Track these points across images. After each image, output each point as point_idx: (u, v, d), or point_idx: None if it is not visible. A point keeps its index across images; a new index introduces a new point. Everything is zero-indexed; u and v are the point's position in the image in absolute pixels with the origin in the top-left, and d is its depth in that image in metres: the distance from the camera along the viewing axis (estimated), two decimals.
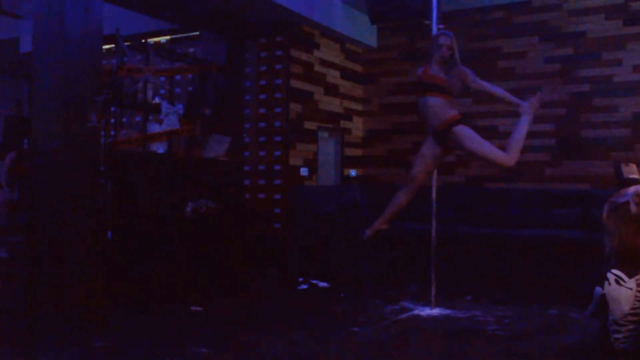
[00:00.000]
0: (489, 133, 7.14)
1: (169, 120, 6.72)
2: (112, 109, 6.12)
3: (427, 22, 6.02)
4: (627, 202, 3.90)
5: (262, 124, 8.05)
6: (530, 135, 8.16)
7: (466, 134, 5.18)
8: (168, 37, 8.56)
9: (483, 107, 8.34)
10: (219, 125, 7.36)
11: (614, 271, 3.83)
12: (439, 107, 5.22)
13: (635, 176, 6.85)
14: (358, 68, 9.46)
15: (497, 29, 8.55)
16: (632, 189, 4.01)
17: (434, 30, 5.87)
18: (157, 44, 8.22)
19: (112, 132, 6.15)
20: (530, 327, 5.04)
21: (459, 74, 5.28)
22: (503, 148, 5.19)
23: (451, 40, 5.27)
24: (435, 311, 5.64)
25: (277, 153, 7.94)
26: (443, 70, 5.28)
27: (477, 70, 8.51)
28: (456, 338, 4.78)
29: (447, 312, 5.63)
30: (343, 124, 9.10)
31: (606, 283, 3.82)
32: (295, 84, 8.07)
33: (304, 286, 7.01)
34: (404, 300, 6.08)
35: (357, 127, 9.43)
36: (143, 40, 6.96)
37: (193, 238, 6.52)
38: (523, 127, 5.30)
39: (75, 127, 5.45)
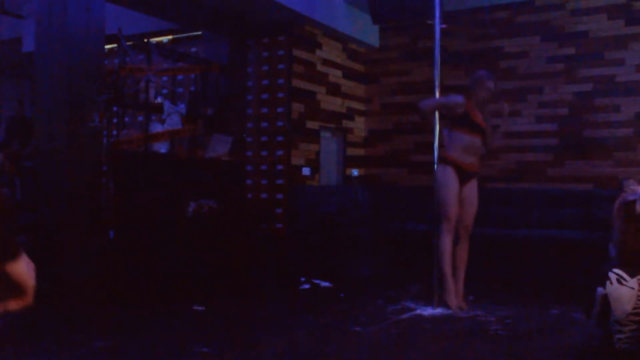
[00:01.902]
0: None
1: (171, 120, 6.73)
2: (114, 108, 6.14)
3: (429, 22, 6.02)
4: (634, 201, 3.89)
5: (264, 124, 8.05)
6: (533, 135, 8.23)
7: None
8: (170, 37, 8.57)
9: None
10: (221, 125, 7.36)
11: (616, 270, 3.82)
12: (479, 151, 5.64)
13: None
14: (360, 68, 9.45)
15: (499, 29, 8.54)
16: None
17: (437, 30, 5.87)
18: (159, 43, 8.22)
19: (115, 132, 6.16)
20: (532, 327, 5.03)
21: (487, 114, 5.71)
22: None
23: (494, 85, 5.69)
24: (437, 311, 5.62)
25: (280, 153, 7.94)
26: (477, 108, 5.61)
27: (479, 70, 8.55)
28: (458, 338, 4.77)
29: (449, 312, 5.62)
30: (345, 123, 9.10)
31: (608, 283, 3.81)
32: (298, 83, 8.07)
33: (306, 286, 7.01)
34: (405, 300, 6.07)
35: (359, 126, 9.43)
36: (145, 40, 6.97)
37: (195, 238, 6.53)
38: None
39: (78, 127, 5.46)
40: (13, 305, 1.69)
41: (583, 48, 8.04)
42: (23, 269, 1.66)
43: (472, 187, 5.62)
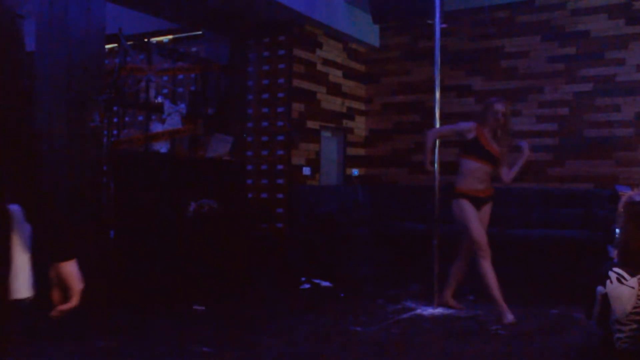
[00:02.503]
0: None
1: (172, 119, 6.73)
2: (115, 108, 6.13)
3: (429, 21, 6.02)
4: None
5: (264, 124, 8.05)
6: (533, 134, 8.22)
7: None
8: (170, 37, 8.56)
9: None
10: (221, 124, 7.36)
11: (616, 269, 3.82)
12: (490, 176, 5.58)
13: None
14: (360, 67, 9.45)
15: (499, 29, 8.54)
16: None
17: (437, 30, 5.87)
18: (160, 43, 8.22)
19: (115, 132, 6.16)
20: (532, 327, 5.04)
21: (507, 146, 5.60)
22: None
23: (506, 107, 5.49)
24: (438, 311, 5.63)
25: (280, 152, 7.94)
26: (494, 137, 5.51)
27: (480, 69, 8.57)
28: (458, 338, 4.78)
29: (450, 311, 5.63)
30: (345, 123, 9.10)
31: (608, 282, 3.81)
32: (298, 83, 8.07)
33: (306, 286, 7.01)
34: (405, 300, 6.08)
35: (359, 126, 9.43)
36: (145, 40, 6.97)
37: (195, 238, 6.53)
38: None
39: (78, 127, 5.46)
40: (65, 306, 1.80)
41: (583, 48, 8.04)
42: (73, 271, 1.76)
43: (486, 211, 5.59)
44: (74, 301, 1.80)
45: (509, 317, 5.18)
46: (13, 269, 1.69)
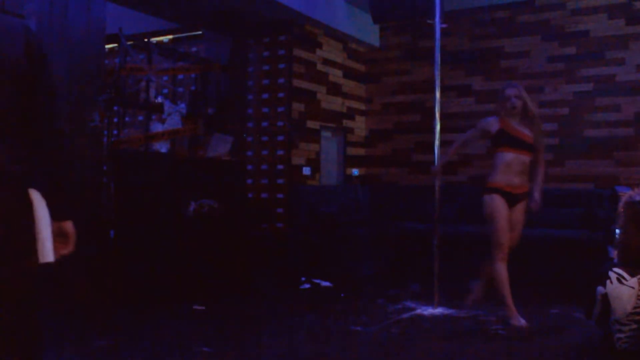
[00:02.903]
0: None
1: (172, 119, 6.73)
2: (115, 108, 6.14)
3: (429, 21, 6.02)
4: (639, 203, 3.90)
5: (264, 123, 8.05)
6: None
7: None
8: (170, 37, 8.56)
9: (487, 106, 8.32)
10: (221, 124, 7.36)
11: (616, 270, 3.82)
12: (527, 169, 5.20)
13: None
14: (360, 67, 9.45)
15: (499, 28, 8.54)
16: None
17: (437, 30, 5.87)
18: (160, 43, 8.23)
19: (115, 132, 6.17)
20: (532, 327, 5.03)
21: (539, 128, 5.29)
22: None
23: (518, 90, 5.28)
24: (438, 311, 5.63)
25: (280, 152, 7.94)
26: (523, 124, 5.25)
27: (480, 69, 8.57)
28: (458, 338, 4.78)
29: (450, 311, 5.62)
30: (345, 123, 9.10)
31: (608, 282, 3.81)
32: (298, 83, 8.07)
33: (307, 286, 7.01)
34: (406, 300, 6.08)
35: (359, 126, 9.43)
36: (146, 40, 6.98)
37: (195, 237, 6.52)
38: None
39: (78, 127, 5.46)
40: (64, 251, 2.37)
41: (583, 48, 8.04)
42: (71, 226, 2.37)
43: (520, 210, 5.23)
44: (71, 246, 2.41)
45: (522, 321, 5.01)
46: (39, 239, 2.18)
